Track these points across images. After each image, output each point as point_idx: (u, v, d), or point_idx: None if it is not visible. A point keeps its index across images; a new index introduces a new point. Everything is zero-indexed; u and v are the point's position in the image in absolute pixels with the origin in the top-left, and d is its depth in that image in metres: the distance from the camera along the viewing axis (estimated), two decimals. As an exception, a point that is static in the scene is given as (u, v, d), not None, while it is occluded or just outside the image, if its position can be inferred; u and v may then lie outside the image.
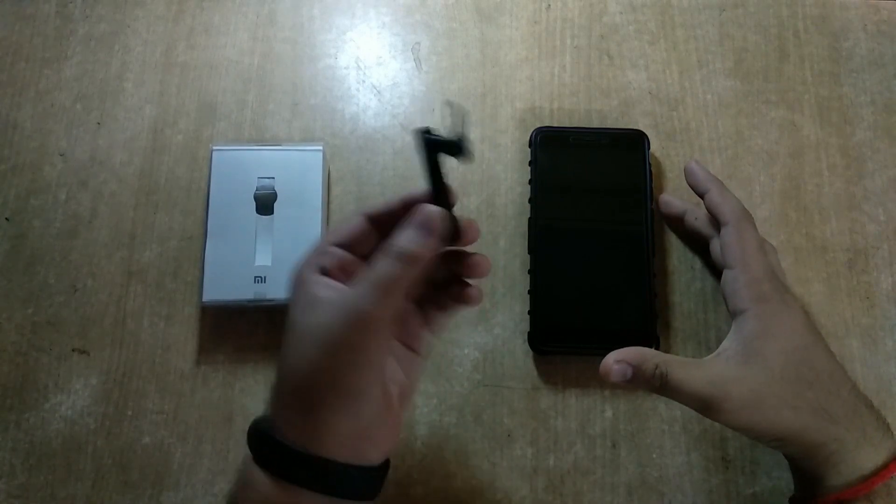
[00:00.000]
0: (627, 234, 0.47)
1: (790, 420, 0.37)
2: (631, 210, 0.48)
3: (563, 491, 0.45)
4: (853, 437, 0.37)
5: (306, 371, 0.32)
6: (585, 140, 0.49)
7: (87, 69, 0.53)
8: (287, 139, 0.52)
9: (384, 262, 0.33)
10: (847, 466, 0.37)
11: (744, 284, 0.40)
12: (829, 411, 0.37)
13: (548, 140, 0.49)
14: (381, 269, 0.33)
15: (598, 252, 0.47)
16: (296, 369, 0.33)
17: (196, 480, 0.45)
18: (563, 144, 0.49)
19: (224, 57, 0.54)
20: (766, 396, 0.37)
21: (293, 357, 0.33)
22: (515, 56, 0.54)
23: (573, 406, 0.47)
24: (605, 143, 0.49)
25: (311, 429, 0.32)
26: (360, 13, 0.55)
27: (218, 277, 0.45)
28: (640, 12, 0.55)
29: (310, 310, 0.33)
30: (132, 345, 0.47)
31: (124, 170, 0.51)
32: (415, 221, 0.34)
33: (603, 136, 0.50)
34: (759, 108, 0.53)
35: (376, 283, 0.33)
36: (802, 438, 0.37)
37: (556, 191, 0.48)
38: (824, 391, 0.38)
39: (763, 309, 0.39)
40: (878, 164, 0.51)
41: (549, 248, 0.47)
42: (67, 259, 0.49)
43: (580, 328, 0.46)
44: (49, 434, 0.46)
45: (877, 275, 0.49)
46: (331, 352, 0.32)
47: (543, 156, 0.49)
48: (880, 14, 0.55)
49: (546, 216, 0.48)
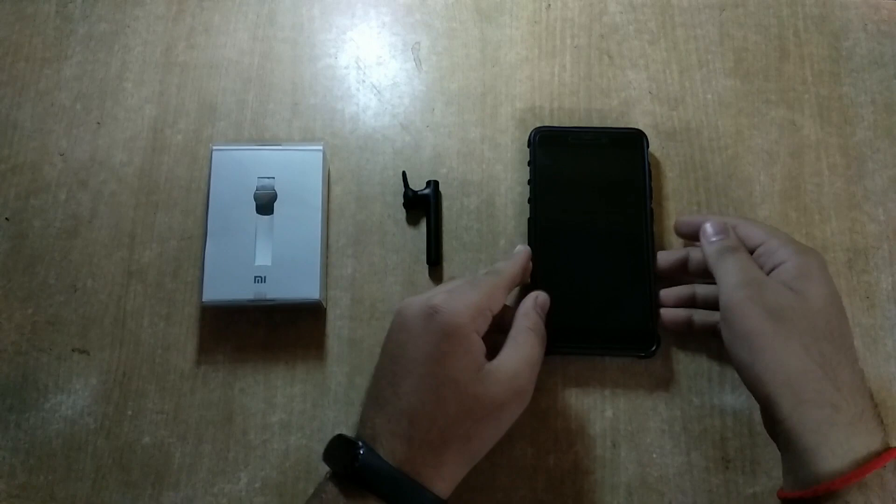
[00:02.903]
0: (627, 233, 0.47)
1: (797, 357, 0.36)
2: (630, 209, 0.47)
3: (563, 491, 0.45)
4: (850, 411, 0.36)
5: (465, 434, 0.36)
6: (584, 140, 0.49)
7: (87, 69, 0.53)
8: (287, 139, 0.52)
9: (532, 340, 0.40)
10: (839, 445, 0.35)
11: (783, 243, 0.41)
12: (836, 372, 0.36)
13: (546, 140, 0.49)
14: (532, 346, 0.40)
15: (597, 252, 0.47)
16: (454, 429, 0.36)
17: (196, 480, 0.45)
18: (561, 144, 0.49)
19: (224, 57, 0.54)
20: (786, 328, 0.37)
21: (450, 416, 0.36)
22: (515, 56, 0.54)
23: (573, 406, 0.47)
24: (603, 142, 0.49)
25: (451, 479, 0.37)
26: (360, 13, 0.55)
27: (218, 277, 0.45)
28: (640, 12, 0.55)
29: (477, 378, 0.37)
30: (132, 345, 0.47)
31: (124, 170, 0.51)
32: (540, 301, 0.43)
33: (602, 135, 0.49)
34: (759, 107, 0.53)
35: (530, 360, 0.39)
36: (800, 386, 0.36)
37: (556, 191, 0.48)
38: (838, 352, 0.37)
39: (805, 259, 0.40)
40: (879, 164, 0.51)
41: (548, 249, 0.47)
42: (67, 259, 0.49)
43: (580, 328, 0.46)
44: (49, 434, 0.46)
45: (877, 275, 0.49)
46: (493, 421, 0.37)
47: (542, 156, 0.49)
48: (880, 13, 0.55)
49: (545, 216, 0.48)
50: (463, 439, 0.36)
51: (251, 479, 0.45)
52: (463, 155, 0.52)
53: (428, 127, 0.52)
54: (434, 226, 0.49)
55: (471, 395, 0.36)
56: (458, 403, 0.36)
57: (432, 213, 0.49)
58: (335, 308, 0.48)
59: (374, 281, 0.49)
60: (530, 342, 0.40)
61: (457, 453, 0.37)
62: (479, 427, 0.37)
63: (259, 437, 0.46)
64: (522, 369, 0.38)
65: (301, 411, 0.47)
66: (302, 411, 0.47)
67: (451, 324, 0.37)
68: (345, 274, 0.49)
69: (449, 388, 0.36)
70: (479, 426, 0.37)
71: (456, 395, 0.36)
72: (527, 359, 0.39)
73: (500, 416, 0.37)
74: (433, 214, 0.49)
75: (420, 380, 0.36)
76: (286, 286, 0.45)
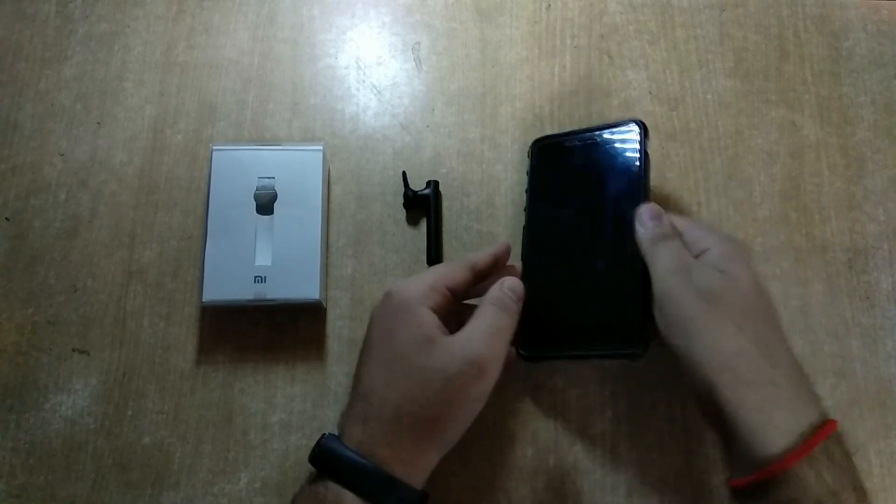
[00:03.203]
0: (622, 236, 0.43)
1: (733, 337, 0.36)
2: (626, 210, 0.44)
3: (563, 491, 0.45)
4: (789, 388, 0.35)
5: (419, 409, 0.36)
6: (582, 141, 0.47)
7: (87, 69, 0.53)
8: (287, 139, 0.52)
9: (492, 311, 0.39)
10: (784, 422, 0.34)
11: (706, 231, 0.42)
12: (771, 350, 0.36)
13: (545, 151, 0.49)
14: (492, 317, 0.38)
15: (591, 257, 0.45)
16: (407, 405, 0.36)
17: (196, 480, 0.45)
18: (560, 152, 0.48)
19: (224, 57, 0.54)
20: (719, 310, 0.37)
21: (401, 391, 0.36)
22: (515, 56, 0.54)
23: (573, 406, 0.47)
24: (601, 140, 0.47)
25: (413, 462, 0.36)
26: (360, 13, 0.55)
27: (218, 277, 0.45)
28: (640, 12, 0.55)
29: (426, 350, 0.36)
30: (132, 345, 0.47)
31: (124, 170, 0.51)
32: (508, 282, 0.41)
33: (599, 133, 0.47)
34: (760, 107, 0.53)
35: (489, 330, 0.38)
36: (738, 367, 0.35)
37: (552, 200, 0.47)
38: (771, 331, 0.37)
39: (729, 245, 0.40)
40: (879, 164, 0.51)
41: (540, 258, 0.46)
42: (67, 259, 0.49)
43: (568, 333, 0.44)
44: (49, 434, 0.46)
45: (877, 275, 0.49)
46: (447, 394, 0.36)
47: (540, 167, 0.48)
48: (880, 14, 0.55)
49: (540, 227, 0.47)
50: (419, 416, 0.36)
51: (251, 479, 0.45)
52: (463, 155, 0.52)
53: (428, 127, 0.52)
54: (434, 226, 0.49)
55: (419, 367, 0.36)
56: (408, 377, 0.36)
57: (432, 213, 0.49)
58: (335, 308, 0.48)
59: (374, 281, 0.49)
60: (489, 312, 0.39)
61: (416, 431, 0.36)
62: (435, 403, 0.36)
63: (259, 437, 0.46)
64: (476, 337, 0.37)
65: (301, 411, 0.47)
66: (302, 411, 0.47)
67: (401, 301, 0.38)
68: (345, 274, 0.49)
69: (398, 363, 0.36)
70: (435, 401, 0.36)
71: (405, 369, 0.36)
72: (484, 327, 0.38)
73: (455, 389, 0.36)
74: (433, 214, 0.49)
75: (373, 361, 0.38)
76: (286, 286, 0.45)
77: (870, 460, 0.46)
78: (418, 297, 0.38)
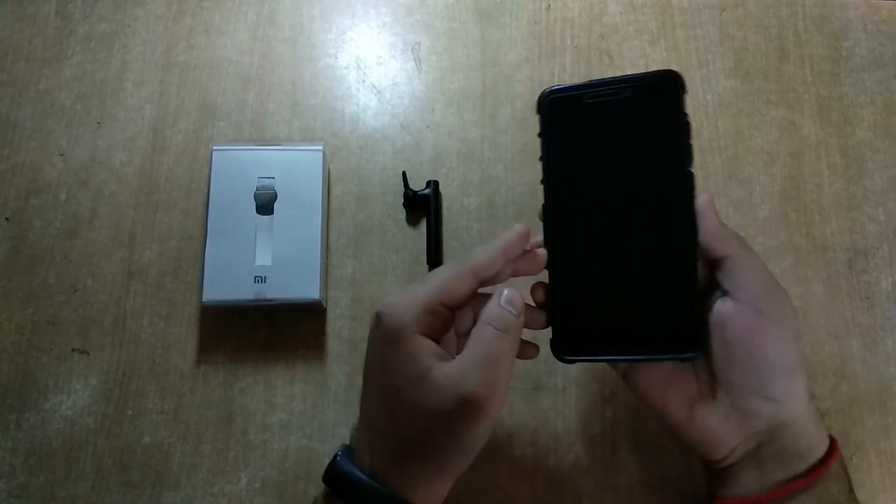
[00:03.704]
0: (661, 208, 0.37)
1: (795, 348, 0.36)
2: (665, 179, 0.37)
3: (563, 491, 0.45)
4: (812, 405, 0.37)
5: (421, 444, 0.34)
6: (604, 96, 0.39)
7: (87, 69, 0.53)
8: (287, 139, 0.52)
9: (488, 335, 0.35)
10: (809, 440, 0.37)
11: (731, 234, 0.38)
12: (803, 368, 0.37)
13: (559, 105, 0.40)
14: (489, 342, 0.34)
15: (627, 235, 0.38)
16: (408, 439, 0.34)
17: (196, 480, 0.45)
18: (577, 107, 0.39)
19: (224, 57, 0.54)
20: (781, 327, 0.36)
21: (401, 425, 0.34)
22: (515, 56, 0.54)
23: (573, 406, 0.47)
24: (627, 96, 0.38)
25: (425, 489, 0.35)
26: (360, 13, 0.55)
27: (218, 277, 0.45)
28: (640, 12, 0.55)
29: (421, 386, 0.33)
30: (132, 345, 0.47)
31: (124, 170, 0.51)
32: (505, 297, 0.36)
33: (624, 87, 0.38)
34: (760, 107, 0.53)
35: (486, 359, 0.34)
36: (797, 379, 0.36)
37: (574, 167, 0.39)
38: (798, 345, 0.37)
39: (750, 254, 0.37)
40: (878, 164, 0.51)
41: (569, 239, 0.39)
42: (67, 259, 0.49)
43: (610, 331, 0.38)
44: (49, 434, 0.46)
45: (877, 275, 0.49)
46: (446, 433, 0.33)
47: (555, 125, 0.40)
48: (880, 14, 0.55)
49: (563, 200, 0.39)
50: (422, 449, 0.34)
51: (251, 479, 0.45)
52: (463, 155, 0.52)
53: (428, 127, 0.52)
54: (434, 226, 0.49)
55: (415, 404, 0.33)
56: (405, 413, 0.34)
57: (432, 214, 0.49)
58: (335, 308, 0.48)
59: (374, 281, 0.49)
60: (485, 337, 0.35)
61: (421, 464, 0.34)
62: (434, 437, 0.34)
63: (259, 437, 0.46)
64: (471, 371, 0.33)
65: (301, 411, 0.47)
66: (302, 411, 0.47)
67: (393, 328, 0.34)
68: (345, 274, 0.49)
69: (395, 399, 0.34)
70: (434, 436, 0.34)
71: (402, 405, 0.34)
72: (481, 356, 0.34)
73: (454, 429, 0.33)
74: (433, 214, 0.49)
75: (371, 391, 0.36)
76: (286, 286, 0.45)
77: (870, 460, 0.46)
78: (410, 323, 0.34)
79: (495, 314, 0.35)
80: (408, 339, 0.34)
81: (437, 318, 0.35)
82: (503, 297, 0.36)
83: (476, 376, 0.33)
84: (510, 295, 0.36)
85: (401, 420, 0.34)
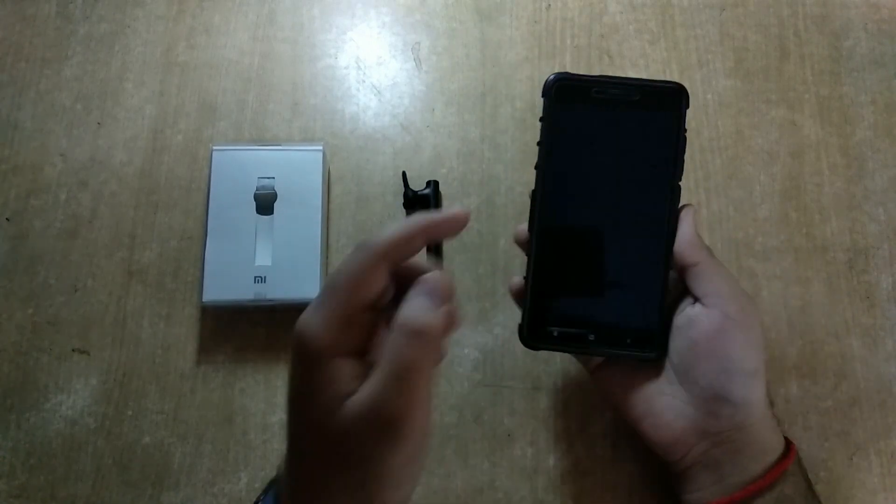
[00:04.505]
0: (645, 213, 0.39)
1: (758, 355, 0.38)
2: (653, 186, 0.39)
3: (563, 491, 0.45)
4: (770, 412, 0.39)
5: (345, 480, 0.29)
6: (611, 94, 0.40)
7: (87, 69, 0.53)
8: (287, 139, 0.52)
9: (400, 344, 0.29)
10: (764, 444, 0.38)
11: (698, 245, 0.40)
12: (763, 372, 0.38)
13: (566, 92, 0.40)
14: (399, 353, 0.29)
15: (608, 234, 0.39)
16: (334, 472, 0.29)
17: (196, 480, 0.45)
18: (583, 98, 0.40)
19: (224, 57, 0.54)
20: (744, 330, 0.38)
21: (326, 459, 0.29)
22: (515, 56, 0.54)
23: (573, 406, 0.47)
24: (634, 98, 0.40)
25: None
26: (360, 13, 0.55)
27: (218, 277, 0.45)
28: (641, 12, 0.55)
29: (339, 415, 0.28)
30: (132, 345, 0.48)
31: (124, 170, 0.51)
32: (422, 290, 0.30)
33: (633, 89, 0.40)
34: (760, 107, 0.53)
35: (397, 374, 0.28)
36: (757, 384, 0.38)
37: (569, 157, 0.40)
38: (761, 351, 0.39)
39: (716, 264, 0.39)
40: (879, 164, 0.51)
41: (553, 227, 0.40)
42: (67, 259, 0.49)
43: (579, 323, 0.39)
44: (49, 434, 0.46)
45: (877, 275, 0.49)
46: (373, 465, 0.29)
47: (559, 114, 0.40)
48: (881, 13, 0.55)
49: (553, 188, 0.40)
50: (345, 488, 0.29)
51: (251, 479, 0.45)
52: (463, 155, 0.52)
53: (428, 127, 0.52)
54: (434, 226, 0.49)
55: (332, 437, 0.29)
56: (323, 449, 0.29)
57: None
58: (335, 308, 0.48)
59: (374, 281, 0.49)
60: (395, 347, 0.29)
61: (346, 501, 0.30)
62: (357, 472, 0.29)
63: (259, 437, 0.46)
64: (382, 389, 0.28)
65: (301, 411, 0.46)
66: (302, 411, 0.47)
67: (309, 354, 0.29)
68: (345, 274, 0.49)
69: (312, 433, 0.30)
70: (357, 471, 0.29)
71: (319, 440, 0.29)
72: (390, 372, 0.28)
73: (371, 456, 0.29)
74: (433, 214, 0.49)
75: (289, 423, 0.31)
76: (286, 286, 0.45)
77: (870, 460, 0.46)
78: (329, 345, 0.29)
79: (408, 316, 0.29)
80: (325, 365, 0.29)
81: (357, 328, 0.30)
82: (422, 288, 0.30)
83: (387, 394, 0.28)
84: (431, 284, 0.30)
85: (318, 456, 0.30)
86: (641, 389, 0.40)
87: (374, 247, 0.30)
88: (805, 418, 0.46)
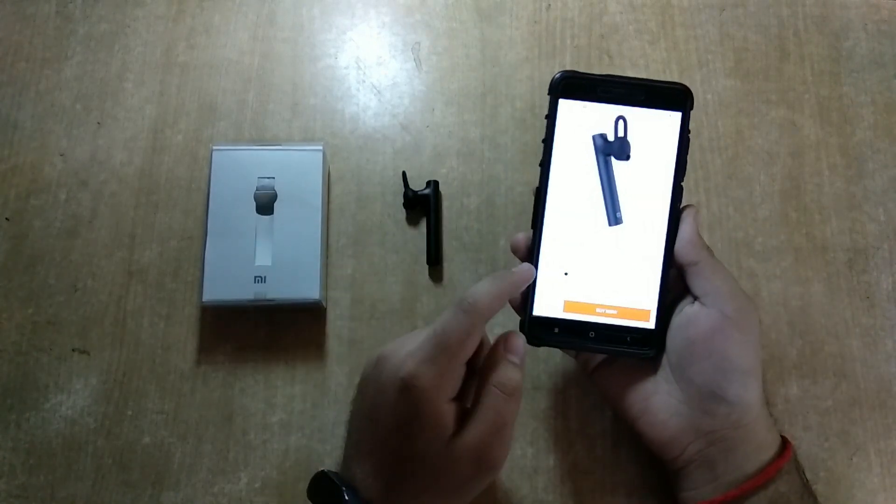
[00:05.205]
0: (648, 214, 0.40)
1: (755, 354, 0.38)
2: (656, 185, 0.40)
3: (563, 491, 0.45)
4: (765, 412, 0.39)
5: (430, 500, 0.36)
6: (616, 93, 0.40)
7: (87, 69, 0.53)
8: (287, 139, 0.52)
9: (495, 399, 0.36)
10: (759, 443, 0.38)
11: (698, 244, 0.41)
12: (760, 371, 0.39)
13: (571, 90, 0.41)
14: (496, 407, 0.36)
15: (611, 233, 0.40)
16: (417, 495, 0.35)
17: (196, 480, 0.45)
18: (588, 97, 0.41)
19: (224, 57, 0.54)
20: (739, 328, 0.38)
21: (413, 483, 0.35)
22: (515, 56, 0.54)
23: (573, 406, 0.47)
24: (639, 98, 0.40)
25: None
26: (360, 13, 0.55)
27: (218, 277, 0.45)
28: (640, 12, 0.55)
29: (444, 453, 0.35)
30: (132, 345, 0.47)
31: (124, 170, 0.51)
32: (511, 354, 0.37)
33: (638, 89, 0.40)
34: (760, 107, 0.53)
35: (496, 422, 0.35)
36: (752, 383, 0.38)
37: (573, 155, 0.40)
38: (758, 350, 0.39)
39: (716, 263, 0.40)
40: (879, 164, 0.51)
41: (555, 226, 0.40)
42: (67, 259, 0.49)
43: (580, 321, 0.40)
44: (49, 434, 0.46)
45: (877, 275, 0.49)
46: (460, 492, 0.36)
47: (563, 110, 0.41)
48: (881, 13, 0.55)
49: (557, 186, 0.41)
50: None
51: (251, 479, 0.45)
52: (463, 155, 0.52)
53: (428, 127, 0.52)
54: (434, 226, 0.49)
55: (437, 470, 0.35)
56: (424, 478, 0.35)
57: (432, 213, 0.49)
58: (335, 308, 0.48)
59: (374, 281, 0.49)
60: (493, 405, 0.36)
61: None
62: (454, 497, 0.36)
63: (259, 437, 0.46)
64: (488, 443, 0.35)
65: (301, 411, 0.47)
66: (302, 411, 0.47)
67: (422, 400, 0.35)
68: (345, 274, 0.49)
69: (416, 463, 0.35)
70: (455, 497, 0.36)
71: (422, 470, 0.35)
72: (492, 427, 0.35)
73: (466, 489, 0.36)
74: (433, 214, 0.49)
75: (391, 452, 0.36)
76: (286, 286, 0.45)
77: (870, 460, 0.46)
78: (439, 395, 0.35)
79: (502, 377, 0.36)
80: (436, 409, 0.35)
81: (457, 377, 0.36)
82: (508, 347, 0.37)
83: (490, 441, 0.35)
84: (513, 343, 0.37)
85: (418, 482, 0.35)
86: (639, 388, 0.40)
87: (481, 311, 0.35)
88: (805, 418, 0.46)
